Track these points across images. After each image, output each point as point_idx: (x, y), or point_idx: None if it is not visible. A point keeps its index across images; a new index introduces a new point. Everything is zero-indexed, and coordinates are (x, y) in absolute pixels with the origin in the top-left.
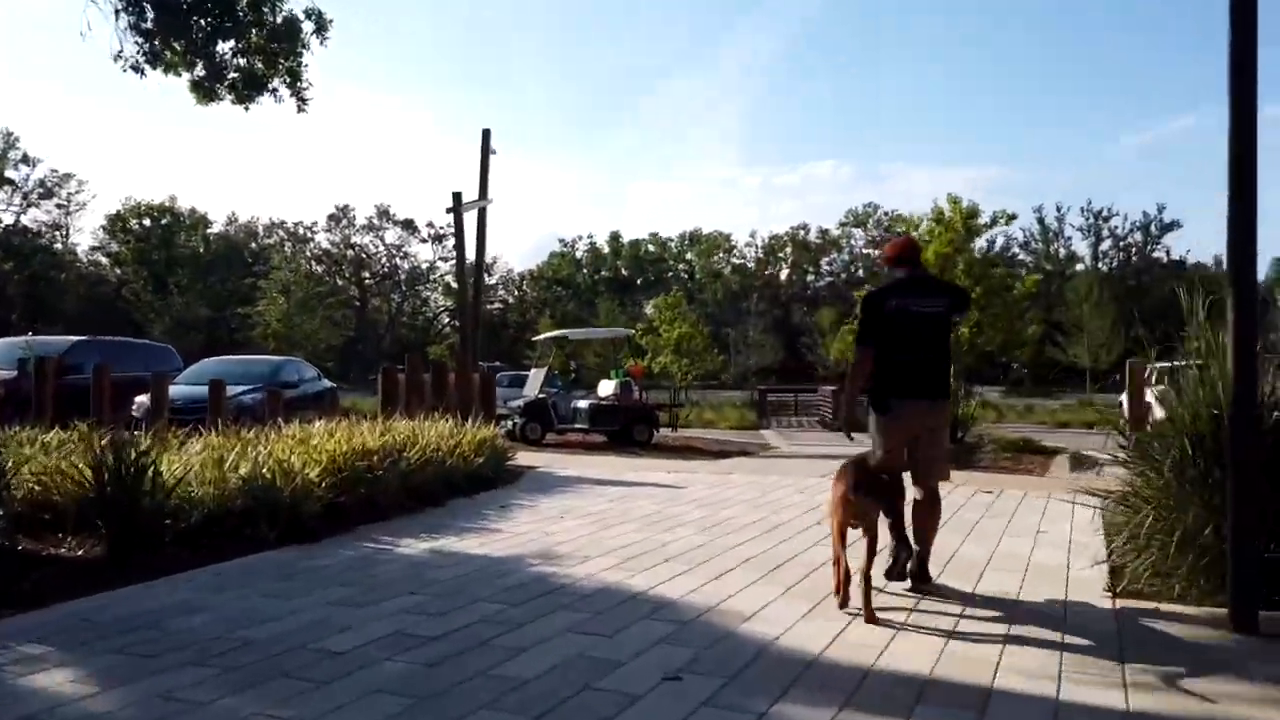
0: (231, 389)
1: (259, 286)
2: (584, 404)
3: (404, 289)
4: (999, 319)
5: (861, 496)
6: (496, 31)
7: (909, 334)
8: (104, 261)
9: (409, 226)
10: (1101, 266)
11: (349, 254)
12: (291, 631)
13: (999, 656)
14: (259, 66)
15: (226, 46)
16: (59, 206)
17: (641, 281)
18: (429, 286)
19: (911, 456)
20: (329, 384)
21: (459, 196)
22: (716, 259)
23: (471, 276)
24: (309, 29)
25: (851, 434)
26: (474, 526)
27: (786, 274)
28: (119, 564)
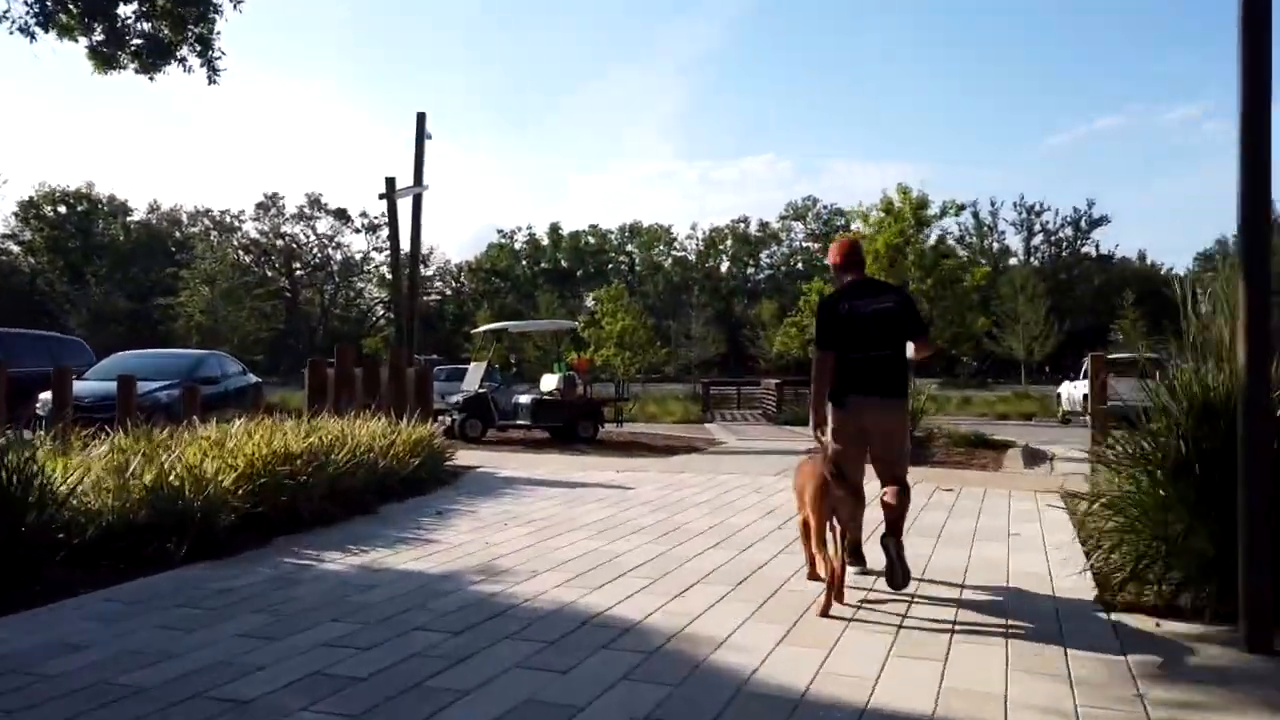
0: (146, 385)
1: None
2: (526, 399)
3: (337, 280)
4: (950, 311)
5: (845, 489)
6: (429, 19)
7: (860, 334)
8: (15, 250)
9: (342, 216)
10: (1033, 261)
11: (279, 244)
12: (192, 673)
13: (1004, 688)
14: (165, 32)
15: (129, 9)
16: None
17: (582, 273)
18: (363, 278)
19: (873, 456)
20: (254, 379)
21: (392, 182)
22: (657, 251)
23: (407, 266)
24: None
25: (821, 437)
26: (409, 537)
27: (727, 267)
28: None
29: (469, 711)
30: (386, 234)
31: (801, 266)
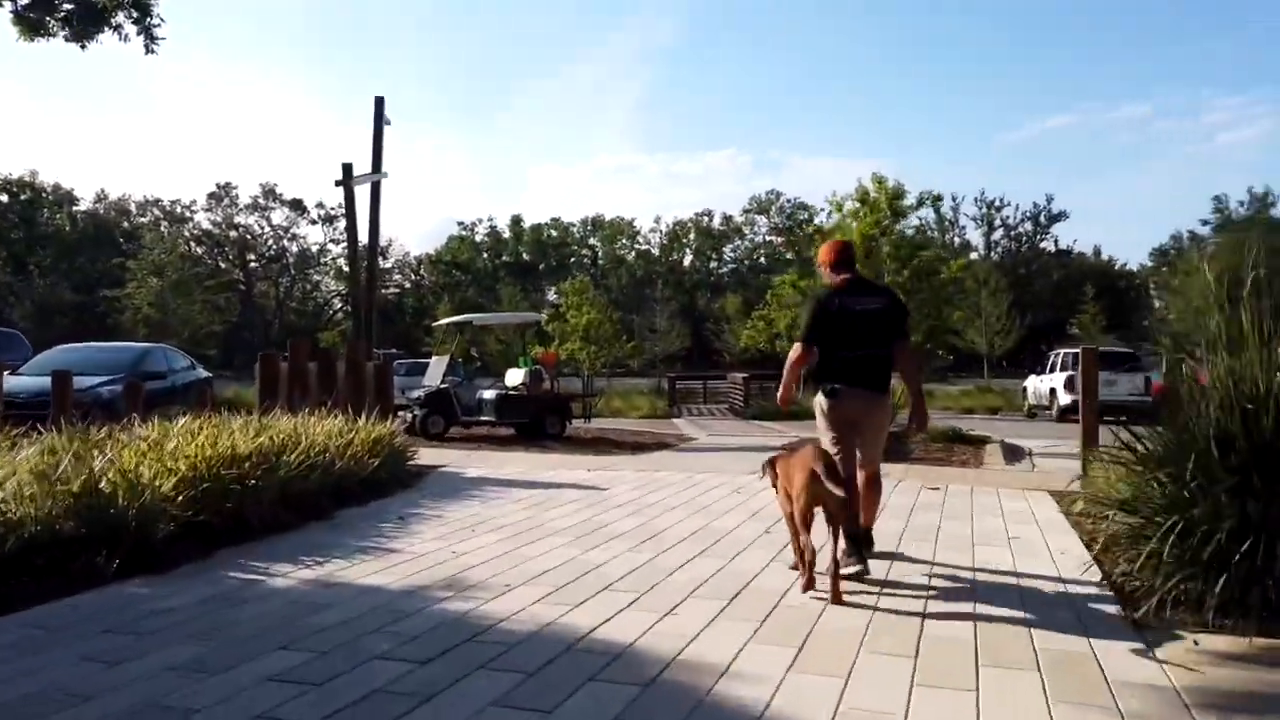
0: (87, 380)
1: (128, 268)
2: (490, 394)
3: (293, 272)
4: (927, 304)
5: (831, 481)
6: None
7: (851, 331)
8: None
9: (297, 207)
10: (993, 255)
11: (232, 235)
12: (112, 718)
13: None
14: None
15: None
16: None
17: (544, 267)
18: (320, 270)
19: (858, 444)
20: (204, 374)
21: (349, 168)
22: (620, 245)
23: (365, 257)
24: None
25: (784, 409)
26: (368, 546)
27: (690, 260)
28: None
29: None
30: (344, 225)
31: (765, 261)
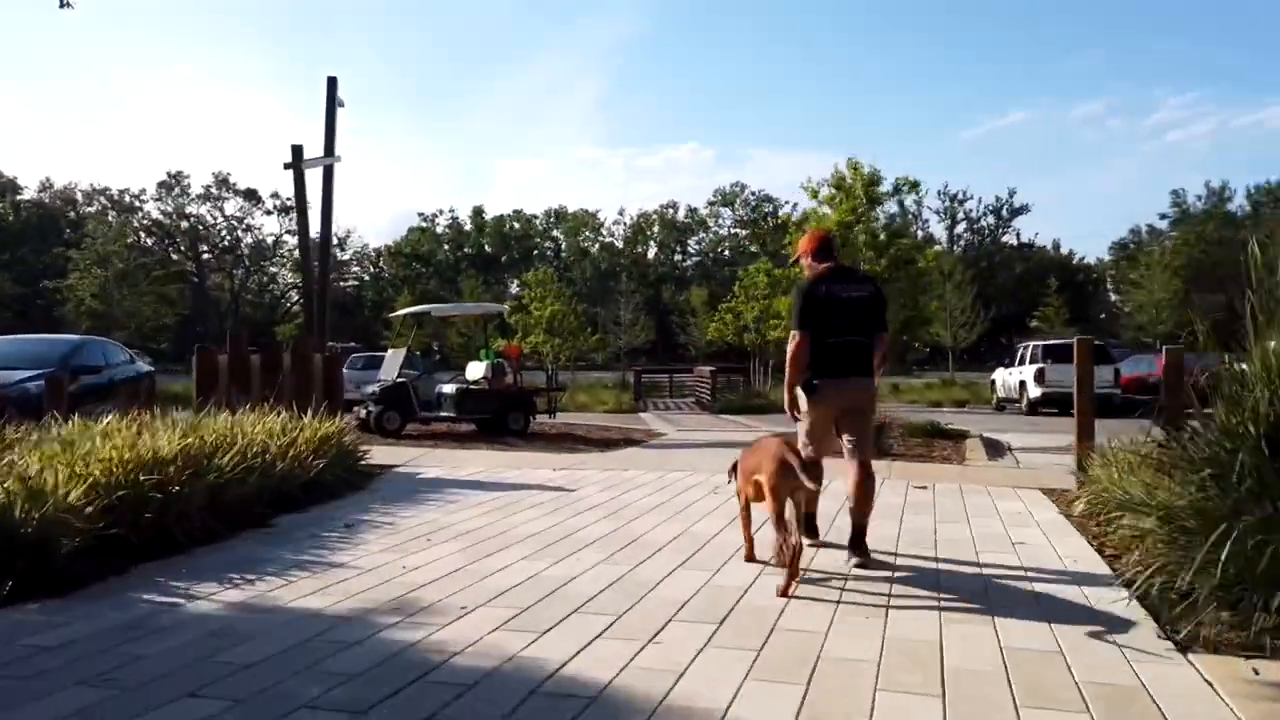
0: (13, 375)
1: (69, 257)
2: (450, 388)
3: (248, 264)
4: (904, 294)
5: (806, 474)
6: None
7: (837, 318)
8: None
9: (252, 197)
10: (956, 249)
11: (183, 225)
12: None
13: None
14: None
15: None
16: None
17: (506, 259)
18: (276, 261)
19: (840, 435)
20: (145, 368)
21: (299, 150)
22: (584, 237)
23: (318, 244)
24: None
25: (796, 415)
26: (308, 560)
27: (655, 253)
28: None
29: None
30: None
31: (729, 254)
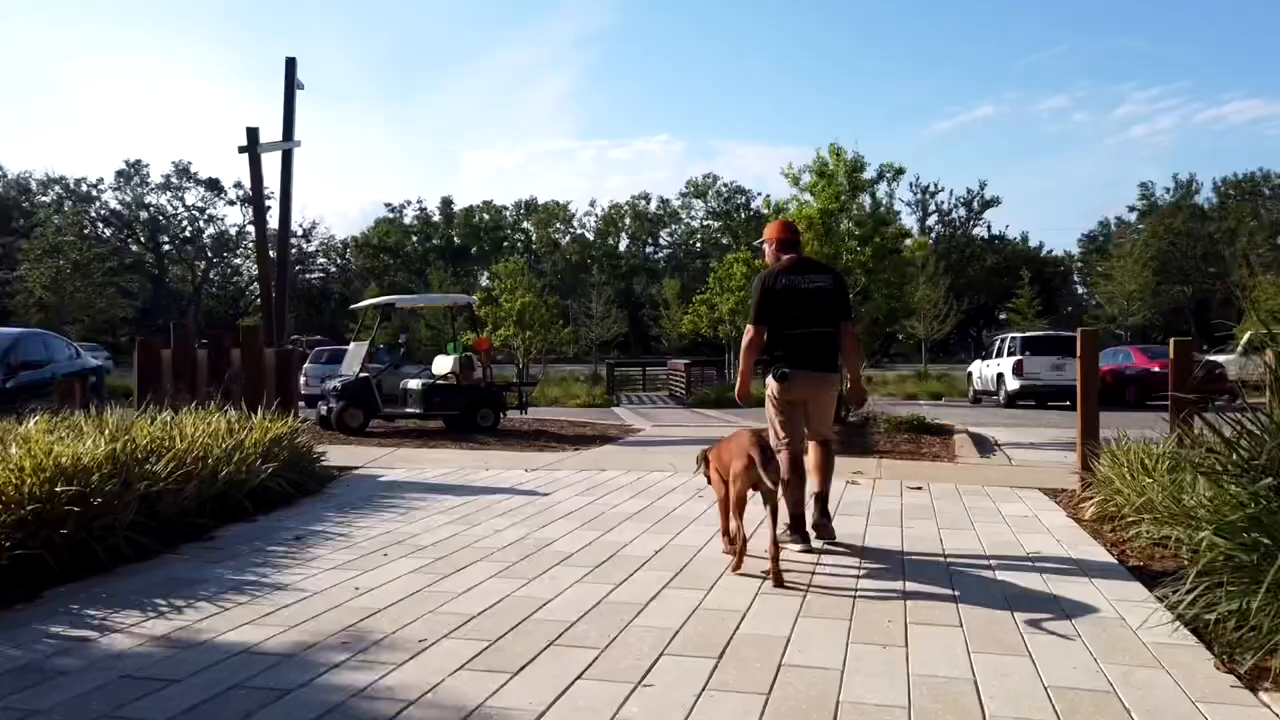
0: None
1: (19, 248)
2: (416, 384)
3: (210, 255)
4: (889, 284)
5: (766, 470)
6: None
7: (798, 310)
8: None
9: (214, 186)
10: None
11: (142, 215)
12: None
13: None
14: None
15: None
16: None
17: (476, 250)
18: (239, 253)
19: (805, 421)
20: (94, 362)
21: (255, 133)
22: (555, 229)
23: (276, 233)
24: None
25: (741, 402)
26: (248, 580)
27: (626, 245)
28: None
29: None
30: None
31: (702, 245)
